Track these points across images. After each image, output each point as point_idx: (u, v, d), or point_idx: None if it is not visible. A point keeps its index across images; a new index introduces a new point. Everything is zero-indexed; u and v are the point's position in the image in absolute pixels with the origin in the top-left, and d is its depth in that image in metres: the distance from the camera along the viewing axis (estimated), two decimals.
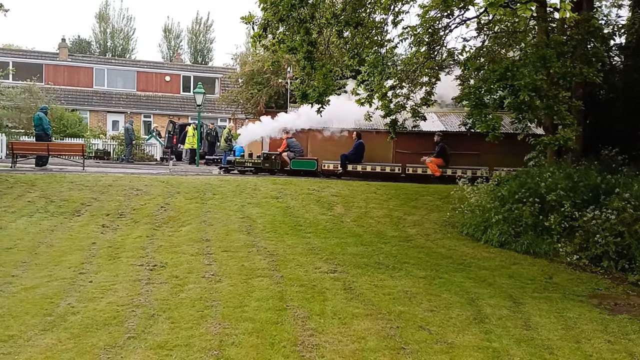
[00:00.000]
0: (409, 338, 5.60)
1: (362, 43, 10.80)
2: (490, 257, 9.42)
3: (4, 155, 22.68)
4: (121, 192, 12.77)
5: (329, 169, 17.42)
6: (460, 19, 11.34)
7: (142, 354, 5.02)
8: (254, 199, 12.75)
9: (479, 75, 11.06)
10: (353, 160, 17.19)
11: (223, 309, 6.22)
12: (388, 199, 13.32)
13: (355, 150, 17.33)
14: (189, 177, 15.34)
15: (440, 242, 10.33)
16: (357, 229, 10.98)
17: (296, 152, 17.86)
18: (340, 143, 18.07)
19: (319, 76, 10.08)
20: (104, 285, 7.04)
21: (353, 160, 17.19)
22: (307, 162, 17.59)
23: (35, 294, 6.66)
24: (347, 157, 17.21)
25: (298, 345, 5.30)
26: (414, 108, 12.45)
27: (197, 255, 8.66)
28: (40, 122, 17.17)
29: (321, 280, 7.47)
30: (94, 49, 48.34)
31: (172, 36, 51.81)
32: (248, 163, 17.94)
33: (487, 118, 10.10)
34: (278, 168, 17.66)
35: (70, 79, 33.44)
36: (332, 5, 10.43)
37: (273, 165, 17.67)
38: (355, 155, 17.27)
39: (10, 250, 8.82)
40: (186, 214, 11.35)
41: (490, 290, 7.42)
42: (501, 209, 10.22)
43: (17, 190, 12.55)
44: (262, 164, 17.79)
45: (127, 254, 8.72)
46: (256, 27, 10.18)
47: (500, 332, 5.90)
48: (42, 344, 5.19)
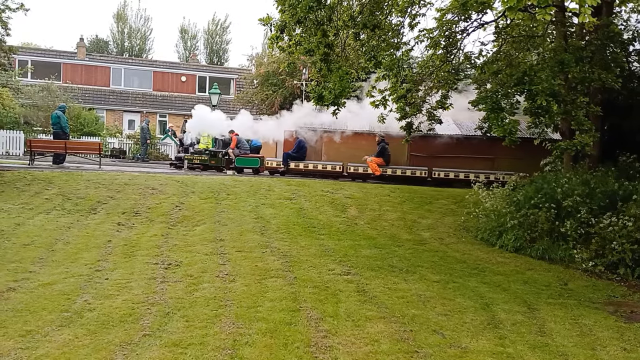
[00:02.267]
0: (423, 342, 5.59)
1: (379, 45, 10.79)
2: (505, 262, 9.36)
3: (22, 152, 23.01)
4: (137, 191, 12.89)
5: (272, 166, 18.12)
6: (478, 23, 11.30)
7: (157, 351, 5.06)
8: (267, 200, 12.79)
9: (496, 79, 11.00)
10: (295, 159, 17.81)
11: (237, 309, 6.25)
12: (402, 202, 13.29)
13: (297, 148, 17.99)
14: (203, 176, 15.43)
15: (455, 246, 10.29)
16: (370, 232, 10.97)
17: (242, 150, 18.53)
18: (355, 145, 18.10)
19: (335, 78, 10.10)
20: (119, 283, 7.11)
21: (295, 159, 17.81)
22: (251, 159, 18.18)
23: (53, 290, 6.75)
24: (289, 155, 17.88)
25: (311, 347, 5.31)
26: (430, 111, 12.42)
27: (211, 254, 8.71)
28: (58, 121, 17.39)
29: (334, 282, 7.47)
30: (111, 48, 48.84)
31: (189, 37, 52.17)
32: (196, 160, 18.67)
33: (504, 122, 10.04)
34: (224, 165, 18.34)
35: (88, 78, 33.80)
36: (350, 8, 10.45)
37: (219, 162, 18.40)
38: (297, 154, 17.91)
39: (28, 246, 8.95)
40: (200, 214, 11.42)
41: (504, 296, 7.38)
42: (516, 214, 10.15)
43: (34, 187, 12.72)
44: (209, 160, 18.53)
45: (142, 252, 8.80)
46: (273, 29, 10.23)
47: (514, 337, 5.87)
48: (59, 339, 5.26)
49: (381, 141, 17.30)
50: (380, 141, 17.33)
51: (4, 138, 23.56)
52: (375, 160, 17.14)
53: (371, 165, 17.08)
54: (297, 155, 17.97)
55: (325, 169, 17.51)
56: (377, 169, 16.97)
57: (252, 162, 18.16)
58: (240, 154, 18.40)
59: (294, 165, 17.72)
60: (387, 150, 17.21)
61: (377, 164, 17.05)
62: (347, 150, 18.22)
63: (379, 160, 17.14)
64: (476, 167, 16.47)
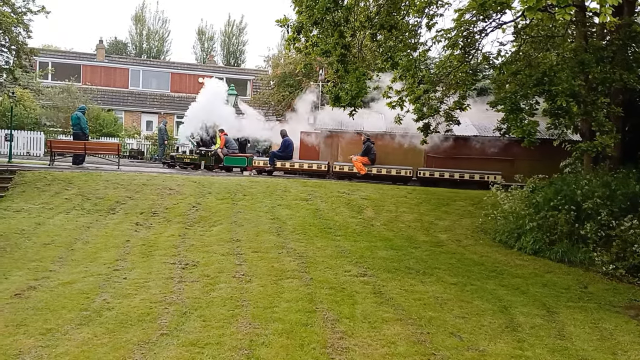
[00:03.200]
0: (440, 344, 5.55)
1: (396, 46, 10.74)
2: (524, 264, 9.26)
3: (43, 153, 23.34)
4: (154, 191, 13.00)
5: (259, 165, 18.50)
6: (497, 23, 11.18)
7: (174, 350, 5.09)
8: (284, 201, 12.81)
9: (515, 80, 10.88)
10: (281, 158, 18.17)
11: (253, 309, 6.27)
12: (419, 203, 13.22)
13: (283, 148, 18.32)
14: (220, 177, 15.51)
15: (472, 249, 10.21)
16: (387, 233, 10.93)
17: (230, 150, 19.03)
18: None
19: (352, 79, 10.08)
20: (137, 282, 7.18)
21: (281, 158, 18.17)
22: (239, 159, 18.78)
23: (72, 289, 6.83)
24: (275, 154, 18.27)
25: (328, 348, 5.30)
26: (448, 112, 12.32)
27: (227, 255, 8.75)
28: (78, 122, 17.61)
29: (351, 284, 7.46)
30: (130, 50, 49.33)
31: (206, 38, 52.47)
32: (187, 159, 19.32)
33: (523, 123, 9.94)
34: (213, 164, 18.84)
35: (107, 79, 34.18)
36: (367, 9, 10.42)
37: (208, 161, 18.94)
38: (283, 153, 18.24)
39: (48, 245, 9.08)
40: (217, 214, 11.47)
41: (523, 299, 7.30)
42: (535, 216, 10.04)
43: (55, 187, 12.89)
44: (199, 159, 19.10)
45: (160, 252, 8.87)
46: (290, 30, 10.25)
47: (533, 341, 5.80)
48: (79, 337, 5.32)
49: (367, 140, 17.52)
50: (365, 140, 17.54)
51: (25, 139, 23.93)
52: (361, 159, 17.28)
53: (356, 164, 17.23)
54: (283, 154, 18.29)
55: (311, 168, 17.81)
56: (363, 168, 17.13)
57: (239, 161, 18.77)
58: (228, 153, 18.97)
59: (280, 165, 18.09)
60: (372, 149, 17.38)
61: (362, 163, 17.21)
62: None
63: (364, 159, 17.28)
64: (494, 168, 16.32)
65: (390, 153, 17.93)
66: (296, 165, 18.03)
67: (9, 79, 16.25)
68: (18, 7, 15.20)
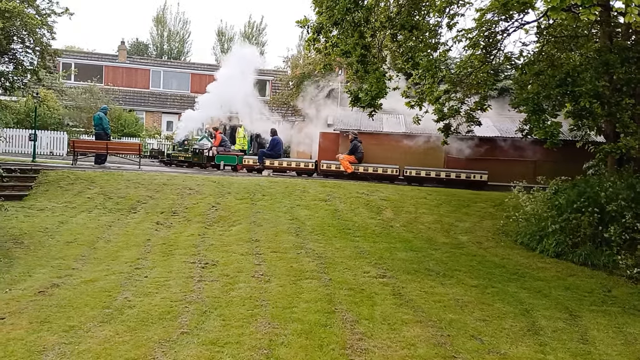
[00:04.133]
0: (460, 347, 5.50)
1: (416, 46, 10.68)
2: (546, 267, 9.14)
3: (65, 152, 23.68)
4: (175, 191, 13.11)
5: (249, 164, 18.93)
6: (519, 23, 11.05)
7: (194, 349, 5.12)
8: (302, 201, 12.82)
9: (537, 80, 10.74)
10: (270, 156, 18.49)
11: (272, 309, 6.28)
12: (438, 204, 13.12)
13: (271, 146, 18.67)
14: (239, 177, 15.59)
15: (493, 251, 10.10)
16: (406, 234, 10.87)
17: (226, 148, 19.70)
18: (389, 147, 18.01)
19: (371, 79, 10.05)
20: (158, 281, 7.24)
21: (270, 156, 18.49)
22: (230, 157, 19.23)
23: (95, 287, 6.92)
24: (264, 153, 18.61)
25: (347, 349, 5.28)
26: (469, 112, 12.21)
27: (246, 254, 8.78)
28: (100, 122, 17.84)
29: (370, 285, 7.43)
30: (151, 51, 49.85)
31: (225, 39, 52.79)
32: (181, 157, 19.81)
33: (546, 124, 9.80)
34: (205, 162, 19.26)
35: (128, 80, 34.57)
36: (387, 9, 10.38)
37: (201, 159, 19.33)
38: (272, 151, 18.57)
39: (71, 244, 9.21)
40: (236, 214, 11.53)
41: (545, 302, 7.21)
42: (558, 219, 9.89)
43: (77, 186, 13.08)
44: (192, 158, 19.54)
45: (180, 251, 8.94)
46: (310, 31, 10.25)
47: (555, 344, 5.72)
48: (101, 335, 5.38)
49: (354, 139, 17.69)
50: (352, 139, 17.70)
51: (48, 138, 24.30)
52: (347, 157, 17.45)
53: (343, 162, 17.42)
54: (271, 153, 18.61)
55: (299, 167, 18.12)
56: (349, 166, 17.31)
57: (230, 159, 19.25)
58: (220, 151, 19.46)
59: (269, 163, 18.39)
60: (359, 148, 17.51)
61: (349, 161, 17.38)
62: (382, 151, 18.14)
63: (350, 157, 17.44)
64: (516, 170, 16.15)
65: (409, 154, 17.83)
66: (284, 164, 18.38)
67: (33, 80, 16.51)
68: (42, 9, 15.44)
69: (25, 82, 16.22)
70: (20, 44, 15.07)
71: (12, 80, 15.57)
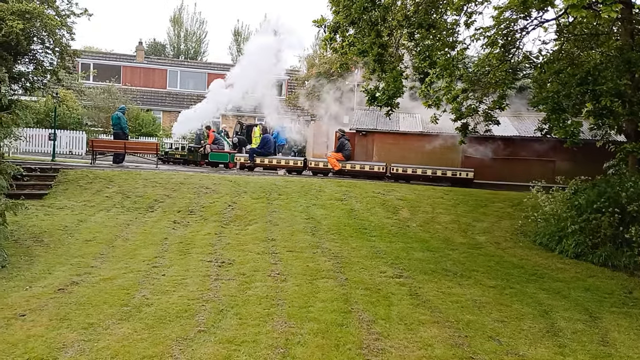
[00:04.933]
0: (478, 348, 5.44)
1: (434, 45, 10.60)
2: (565, 268, 9.02)
3: (84, 152, 23.97)
4: (191, 190, 13.19)
5: (241, 162, 19.46)
6: (538, 21, 10.91)
7: (211, 347, 5.14)
8: (318, 201, 12.81)
9: (557, 79, 10.59)
10: (260, 154, 18.98)
11: (289, 308, 6.28)
12: (456, 204, 13.03)
13: (262, 145, 19.16)
14: (255, 176, 15.63)
15: (512, 251, 10.00)
16: (423, 234, 10.80)
17: (219, 146, 20.32)
18: (405, 146, 17.93)
19: (388, 79, 10.00)
20: (175, 279, 7.28)
21: (260, 154, 18.98)
22: (222, 155, 19.83)
23: (113, 285, 6.98)
24: (255, 151, 19.13)
25: (363, 349, 5.26)
26: (487, 112, 12.08)
27: (263, 254, 8.79)
28: (118, 122, 18.02)
29: (386, 285, 7.39)
30: (168, 51, 50.24)
31: (242, 39, 52.98)
32: (177, 154, 20.61)
33: (566, 124, 9.67)
34: (199, 159, 19.80)
35: (146, 80, 34.89)
36: (404, 7, 10.32)
37: (195, 157, 19.92)
38: (262, 149, 19.05)
39: (89, 242, 9.31)
40: (252, 213, 11.56)
41: (564, 303, 7.11)
42: (578, 219, 9.76)
43: (96, 185, 13.22)
44: (187, 155, 20.24)
45: (196, 249, 8.99)
46: (327, 30, 10.23)
47: (575, 346, 5.63)
48: (119, 332, 5.43)
49: (341, 137, 17.96)
50: (340, 137, 17.96)
51: (68, 138, 24.61)
52: (335, 155, 17.72)
53: (330, 160, 17.71)
54: (262, 151, 19.07)
55: (288, 164, 18.58)
56: (337, 164, 17.53)
57: (223, 157, 19.84)
58: (213, 149, 20.00)
59: (259, 161, 18.87)
60: (346, 145, 17.80)
61: (336, 159, 17.61)
62: (398, 151, 18.07)
63: (338, 155, 17.69)
64: (535, 170, 15.98)
65: (426, 153, 17.73)
66: (274, 161, 18.77)
67: (52, 80, 16.72)
68: (62, 10, 15.61)
69: (45, 83, 16.42)
70: (40, 44, 15.25)
71: (32, 80, 15.77)
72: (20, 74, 15.30)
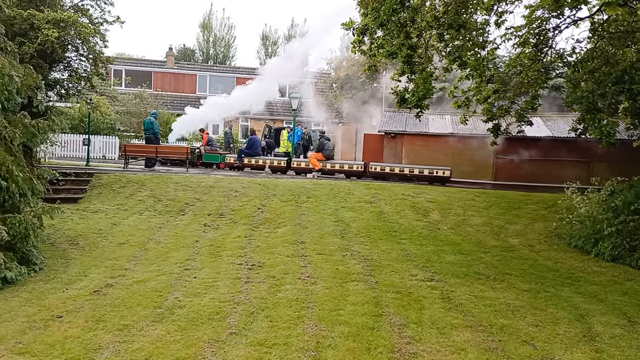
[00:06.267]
0: (512, 352, 5.34)
1: (464, 45, 10.46)
2: (602, 271, 8.79)
3: (117, 156, 24.45)
4: (221, 194, 13.31)
5: (230, 162, 20.18)
6: (572, 19, 10.66)
7: (243, 349, 5.17)
8: (347, 203, 12.78)
9: (592, 78, 10.33)
10: (248, 155, 19.85)
11: (319, 311, 6.27)
12: (488, 206, 12.83)
13: (249, 145, 20.07)
14: (284, 179, 15.69)
15: (546, 254, 9.79)
16: (454, 237, 10.67)
17: (213, 147, 20.98)
18: (435, 148, 17.76)
19: (418, 80, 9.91)
20: (206, 282, 7.35)
21: (248, 155, 19.85)
22: (214, 156, 20.53)
23: (146, 287, 7.09)
24: (242, 151, 19.98)
25: (395, 352, 5.21)
26: (520, 112, 11.85)
27: (292, 256, 8.81)
28: (151, 126, 18.36)
29: (417, 288, 7.32)
30: (197, 56, 50.90)
31: (269, 43, 53.32)
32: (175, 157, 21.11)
33: (601, 123, 9.42)
34: (196, 160, 20.43)
35: (176, 85, 35.40)
36: (433, 8, 10.22)
37: (193, 158, 20.29)
38: (249, 150, 19.94)
39: (123, 245, 9.48)
40: (282, 216, 11.59)
41: (601, 307, 6.92)
42: (614, 221, 9.50)
43: (129, 189, 13.47)
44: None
45: (227, 252, 9.06)
46: (355, 33, 10.20)
47: (613, 351, 5.48)
48: (153, 334, 5.50)
49: (321, 137, 18.86)
50: (320, 137, 18.83)
51: (101, 143, 25.14)
52: (315, 155, 18.57)
53: (311, 160, 18.53)
54: (249, 151, 19.96)
55: (273, 164, 19.40)
56: (317, 163, 18.28)
57: (215, 158, 20.53)
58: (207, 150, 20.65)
59: (247, 161, 19.76)
60: (326, 145, 18.56)
61: (317, 159, 18.40)
62: (428, 152, 17.92)
63: (318, 155, 18.49)
64: (569, 171, 15.64)
65: (457, 155, 17.53)
66: (260, 162, 19.63)
67: (86, 87, 17.10)
68: (95, 18, 15.95)
69: (79, 89, 16.79)
70: (75, 52, 15.60)
71: (67, 87, 16.16)
72: (56, 81, 15.69)
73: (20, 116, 8.49)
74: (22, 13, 12.64)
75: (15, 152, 8.20)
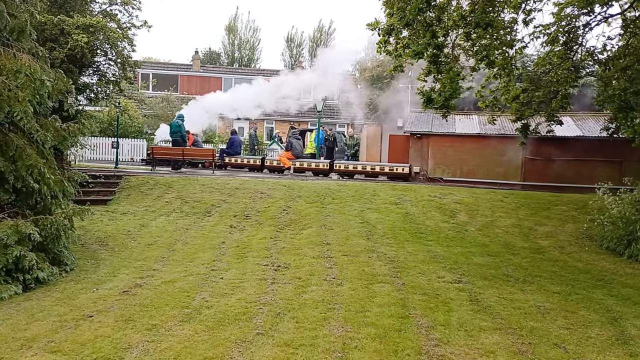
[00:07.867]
0: (543, 355, 5.23)
1: (491, 44, 10.31)
2: (635, 273, 8.56)
3: (140, 159, 24.81)
4: (247, 195, 13.39)
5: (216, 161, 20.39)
6: (602, 16, 10.43)
7: (270, 350, 5.17)
8: (373, 205, 12.73)
9: (624, 76, 10.08)
10: (229, 154, 20.85)
11: (345, 313, 6.24)
12: (516, 207, 12.63)
13: (229, 145, 21.12)
14: (309, 181, 15.70)
15: (577, 256, 9.59)
16: (482, 239, 10.52)
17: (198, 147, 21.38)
18: (463, 148, 17.56)
19: (445, 80, 9.81)
20: (233, 283, 7.40)
21: (229, 154, 20.85)
22: None
23: (174, 288, 7.17)
24: (224, 151, 21.01)
25: (422, 355, 5.15)
26: (550, 112, 11.62)
27: (318, 258, 8.80)
28: (179, 129, 18.58)
29: (445, 290, 7.23)
30: (222, 59, 51.38)
31: (294, 45, 53.52)
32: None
33: (634, 122, 9.18)
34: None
35: (202, 88, 35.75)
36: (460, 7, 10.11)
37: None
38: (230, 149, 20.96)
39: (151, 246, 9.61)
40: (307, 218, 11.60)
41: (635, 310, 6.75)
42: None
43: (156, 191, 13.66)
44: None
45: (253, 253, 9.10)
46: (380, 33, 10.15)
47: None
48: (181, 334, 5.55)
49: (290, 137, 20.26)
50: (289, 137, 20.28)
51: (129, 146, 25.57)
52: (285, 154, 19.89)
53: (282, 159, 19.79)
54: (230, 151, 20.96)
55: (249, 163, 20.63)
56: (287, 162, 19.44)
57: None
58: None
59: (227, 160, 20.68)
60: (294, 144, 19.75)
61: (287, 157, 19.60)
62: (454, 153, 17.71)
63: (288, 154, 19.76)
64: (600, 171, 15.28)
65: (484, 155, 17.29)
66: (239, 161, 20.77)
67: (115, 91, 17.40)
68: (123, 23, 16.23)
69: (108, 93, 17.11)
70: (103, 56, 15.89)
71: (96, 91, 16.48)
72: (85, 85, 16.01)
73: (52, 120, 8.69)
74: (52, 19, 12.93)
75: (46, 155, 8.40)
